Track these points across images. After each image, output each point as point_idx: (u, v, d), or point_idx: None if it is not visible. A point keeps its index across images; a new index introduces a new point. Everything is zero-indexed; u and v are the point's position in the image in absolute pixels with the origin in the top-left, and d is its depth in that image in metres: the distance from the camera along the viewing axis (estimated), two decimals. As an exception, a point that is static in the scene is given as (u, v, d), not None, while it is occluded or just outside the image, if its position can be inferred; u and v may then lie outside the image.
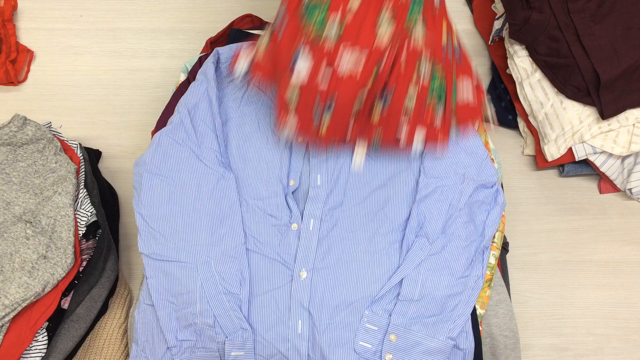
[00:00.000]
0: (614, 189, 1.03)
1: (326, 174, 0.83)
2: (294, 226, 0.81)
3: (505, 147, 1.08)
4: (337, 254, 0.80)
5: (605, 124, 0.96)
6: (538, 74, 1.00)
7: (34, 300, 0.81)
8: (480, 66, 1.16)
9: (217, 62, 0.89)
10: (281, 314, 0.77)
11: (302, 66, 0.72)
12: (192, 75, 0.97)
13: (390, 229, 0.81)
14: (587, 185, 1.05)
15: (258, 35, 0.97)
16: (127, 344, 0.89)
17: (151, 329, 0.78)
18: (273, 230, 0.81)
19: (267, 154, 0.85)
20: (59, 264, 0.83)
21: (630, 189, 0.99)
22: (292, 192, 0.83)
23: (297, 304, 0.77)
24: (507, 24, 1.06)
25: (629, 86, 0.95)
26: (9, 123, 0.92)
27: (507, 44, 1.05)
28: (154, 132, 0.94)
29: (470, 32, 1.18)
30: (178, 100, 0.90)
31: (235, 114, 0.88)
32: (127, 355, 0.88)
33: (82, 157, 0.95)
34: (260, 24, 1.07)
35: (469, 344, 0.77)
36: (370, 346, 0.74)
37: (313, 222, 0.81)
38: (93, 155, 1.02)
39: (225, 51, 0.90)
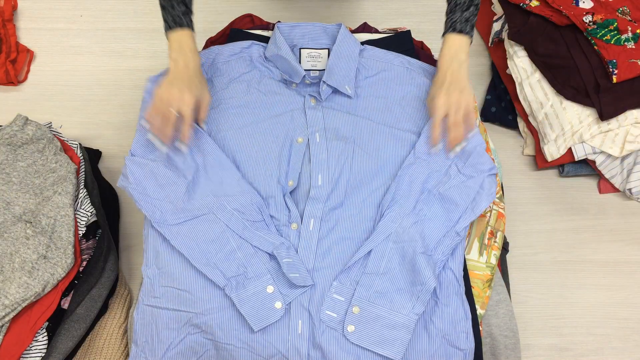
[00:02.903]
0: (614, 189, 1.03)
1: (328, 173, 0.83)
2: (294, 226, 0.80)
3: (505, 147, 1.08)
4: (337, 254, 0.79)
5: (604, 124, 0.96)
6: (538, 75, 1.00)
7: (34, 300, 0.81)
8: (480, 66, 1.16)
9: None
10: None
11: None
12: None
13: None
14: (587, 185, 1.05)
15: (257, 35, 0.97)
16: (127, 344, 0.89)
17: (150, 330, 0.78)
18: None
19: (264, 155, 0.85)
20: (59, 264, 0.83)
21: (630, 189, 0.99)
22: (290, 192, 0.83)
23: (297, 304, 0.77)
24: (506, 25, 1.06)
25: (628, 88, 0.95)
26: (11, 123, 0.92)
27: (506, 45, 1.05)
28: (154, 133, 0.94)
29: (470, 32, 1.18)
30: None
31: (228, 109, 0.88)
32: (127, 355, 0.88)
33: (82, 157, 0.95)
34: (260, 23, 1.07)
35: (469, 344, 0.77)
36: (335, 315, 0.75)
37: (313, 222, 0.80)
38: (93, 155, 1.02)
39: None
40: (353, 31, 0.99)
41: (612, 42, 0.95)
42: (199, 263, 0.77)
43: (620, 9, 1.00)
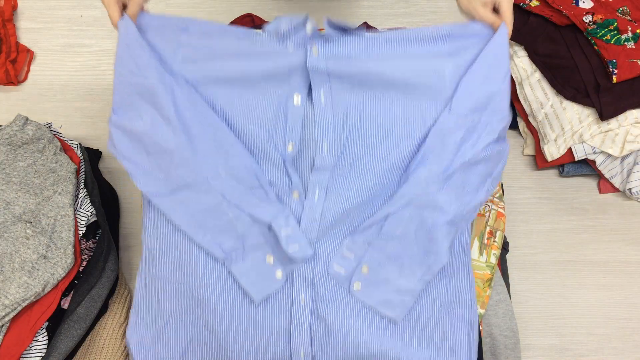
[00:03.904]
0: (614, 189, 1.03)
1: (333, 139, 0.75)
2: (295, 195, 0.75)
3: (505, 147, 1.09)
4: (343, 224, 0.76)
5: (604, 124, 0.96)
6: (538, 74, 1.00)
7: (34, 300, 0.81)
8: (480, 66, 1.16)
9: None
10: (283, 286, 0.74)
11: None
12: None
13: None
14: (587, 185, 1.06)
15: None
16: (127, 344, 0.89)
17: (152, 299, 0.75)
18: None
19: (259, 114, 0.75)
20: (59, 264, 0.83)
21: (630, 189, 0.99)
22: (292, 160, 0.76)
23: (299, 276, 0.74)
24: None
25: (628, 88, 0.95)
26: (11, 123, 0.92)
27: (507, 44, 1.05)
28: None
29: (470, 32, 1.19)
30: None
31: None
32: (127, 355, 0.88)
33: (82, 157, 0.95)
34: (261, 23, 1.07)
35: (473, 314, 0.75)
36: (343, 272, 0.74)
37: (319, 192, 0.75)
38: (93, 155, 1.02)
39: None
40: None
41: (612, 42, 0.95)
42: (196, 236, 0.73)
43: (620, 9, 1.00)
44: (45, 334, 0.81)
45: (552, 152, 0.99)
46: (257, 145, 0.75)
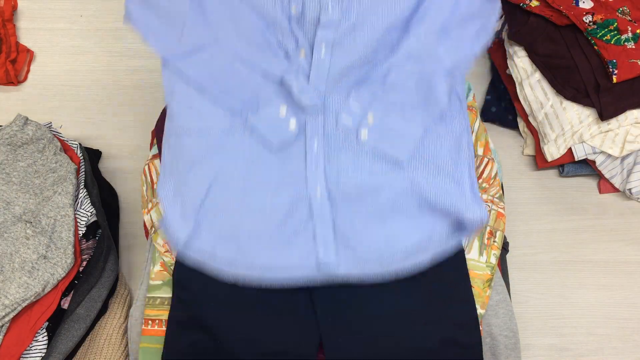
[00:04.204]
0: (614, 189, 1.03)
1: None
2: (302, 53, 0.78)
3: (505, 147, 1.08)
4: (350, 78, 0.79)
5: (604, 124, 0.96)
6: (538, 75, 1.00)
7: (34, 300, 0.81)
8: (480, 66, 1.16)
9: None
10: (297, 136, 0.78)
11: None
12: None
13: None
14: (587, 185, 1.06)
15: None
16: (127, 344, 0.89)
17: (176, 152, 0.78)
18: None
19: None
20: (59, 264, 0.83)
21: (630, 189, 0.99)
22: (297, 20, 0.79)
23: (311, 127, 0.77)
24: (506, 25, 1.06)
25: (628, 88, 0.95)
26: (11, 123, 0.92)
27: (506, 45, 1.05)
28: (154, 132, 0.94)
29: (470, 32, 1.19)
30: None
31: None
32: (127, 355, 0.88)
33: (82, 157, 0.95)
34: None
35: (470, 153, 0.79)
36: (350, 122, 0.77)
37: (325, 48, 0.78)
38: (93, 155, 1.02)
39: None
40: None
41: (612, 42, 0.95)
42: (214, 91, 0.77)
43: (620, 9, 1.00)
44: (45, 334, 0.81)
45: (552, 152, 0.99)
46: (263, 9, 0.78)
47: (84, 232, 0.88)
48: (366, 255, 0.76)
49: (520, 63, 1.02)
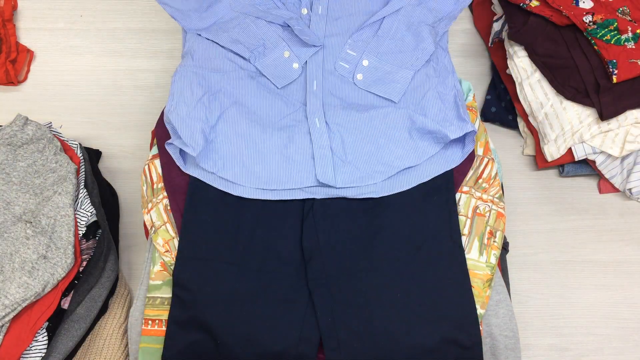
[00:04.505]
0: (614, 189, 1.03)
1: None
2: (304, 11, 0.92)
3: (505, 147, 1.08)
4: (346, 29, 0.91)
5: (604, 124, 0.96)
6: (538, 74, 1.00)
7: (34, 300, 0.81)
8: (480, 66, 1.16)
9: None
10: (299, 75, 0.89)
11: None
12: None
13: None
14: (587, 185, 1.06)
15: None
16: (127, 344, 0.89)
17: (190, 83, 0.87)
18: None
19: None
20: (59, 264, 0.83)
21: (630, 189, 0.99)
22: None
23: (312, 69, 0.89)
24: (506, 25, 1.06)
25: (629, 88, 0.95)
26: (11, 123, 0.92)
27: (506, 45, 1.05)
28: (154, 132, 0.94)
29: (470, 32, 1.19)
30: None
31: None
32: (127, 355, 0.88)
33: (82, 157, 0.95)
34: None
35: (457, 86, 0.91)
36: (347, 66, 0.90)
37: (321, 7, 0.92)
38: (93, 155, 1.02)
39: None
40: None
41: (612, 42, 0.95)
42: (227, 44, 0.90)
43: (620, 9, 1.00)
44: (45, 334, 0.81)
45: (552, 152, 0.99)
46: None
47: (84, 232, 0.88)
48: (360, 171, 0.85)
49: (520, 63, 1.02)
